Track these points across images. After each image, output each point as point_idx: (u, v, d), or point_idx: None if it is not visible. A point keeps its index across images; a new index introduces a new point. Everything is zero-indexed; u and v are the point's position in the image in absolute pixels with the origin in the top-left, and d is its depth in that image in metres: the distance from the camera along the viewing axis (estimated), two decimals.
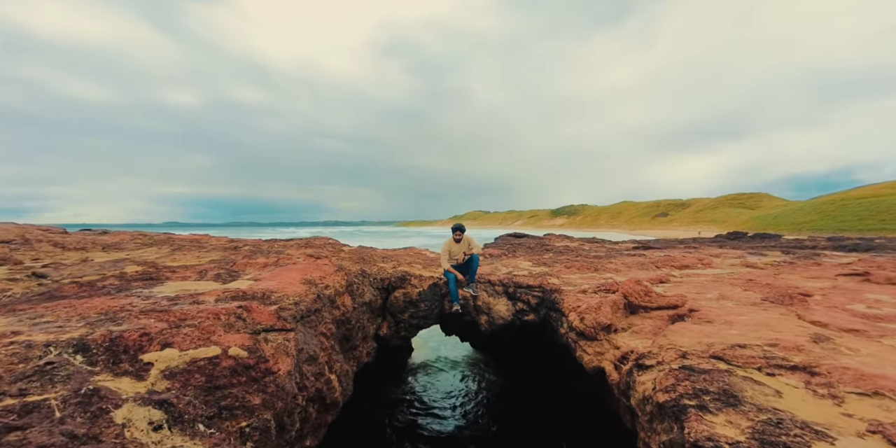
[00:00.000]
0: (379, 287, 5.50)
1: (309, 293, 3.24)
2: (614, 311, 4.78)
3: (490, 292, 6.03)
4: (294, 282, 3.50)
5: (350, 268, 5.10)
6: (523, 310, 5.95)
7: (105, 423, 1.53)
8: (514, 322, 5.92)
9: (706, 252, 11.19)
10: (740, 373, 3.15)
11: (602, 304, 4.77)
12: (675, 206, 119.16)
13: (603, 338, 4.45)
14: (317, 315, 3.17)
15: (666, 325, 4.56)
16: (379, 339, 5.41)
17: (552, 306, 5.65)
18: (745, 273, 7.67)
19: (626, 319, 4.92)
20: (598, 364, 4.27)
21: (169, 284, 3.15)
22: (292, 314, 2.82)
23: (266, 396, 2.05)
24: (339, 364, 3.31)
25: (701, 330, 4.16)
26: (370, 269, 5.64)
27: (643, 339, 4.33)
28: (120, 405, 1.63)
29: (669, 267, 8.65)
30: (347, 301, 4.26)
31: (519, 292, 5.99)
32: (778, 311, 4.86)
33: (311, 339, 2.91)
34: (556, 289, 5.77)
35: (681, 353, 3.67)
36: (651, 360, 3.71)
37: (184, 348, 2.03)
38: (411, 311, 5.64)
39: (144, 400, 1.71)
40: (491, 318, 5.85)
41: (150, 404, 1.69)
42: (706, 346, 3.70)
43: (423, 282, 5.81)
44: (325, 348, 3.08)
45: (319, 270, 4.14)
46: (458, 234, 6.28)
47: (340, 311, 4.03)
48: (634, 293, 5.10)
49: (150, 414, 1.66)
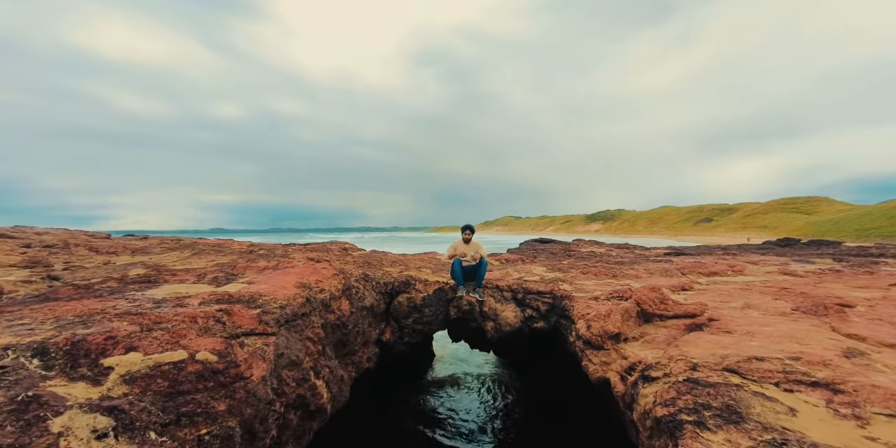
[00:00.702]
0: (382, 291, 5.51)
1: (298, 297, 3.27)
2: (625, 319, 4.56)
3: (498, 298, 5.91)
4: (287, 285, 3.55)
5: (352, 272, 5.14)
6: (532, 317, 5.79)
7: (38, 433, 1.46)
8: (523, 329, 5.77)
9: (744, 259, 10.54)
10: (753, 387, 2.92)
11: (612, 312, 4.57)
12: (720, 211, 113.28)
13: (610, 347, 4.25)
14: (304, 319, 3.18)
15: (681, 335, 4.31)
16: (382, 345, 5.41)
17: (562, 313, 5.47)
18: (781, 281, 7.17)
19: (638, 328, 4.68)
20: (603, 375, 4.08)
21: (164, 287, 3.27)
22: (276, 318, 2.83)
23: (233, 402, 2.01)
24: (329, 369, 3.31)
25: (717, 341, 3.90)
26: (374, 273, 5.66)
27: (654, 349, 4.10)
28: (61, 412, 1.57)
29: (696, 274, 8.22)
30: (344, 305, 4.28)
31: (528, 298, 5.84)
32: (809, 322, 4.50)
33: (296, 343, 2.91)
34: (566, 295, 5.58)
35: (691, 364, 3.45)
36: (658, 372, 3.51)
37: (149, 352, 2.01)
38: (415, 317, 5.60)
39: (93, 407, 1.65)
40: (498, 325, 5.72)
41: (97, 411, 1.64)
42: (720, 358, 3.46)
43: (427, 286, 5.77)
44: (311, 353, 3.07)
45: (317, 274, 4.19)
46: (467, 233, 6.23)
47: (335, 315, 4.06)
48: (648, 301, 4.86)
49: (96, 422, 1.60)
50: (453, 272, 5.91)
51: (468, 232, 6.26)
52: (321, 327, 3.43)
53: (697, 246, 18.75)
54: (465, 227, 6.30)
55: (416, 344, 5.67)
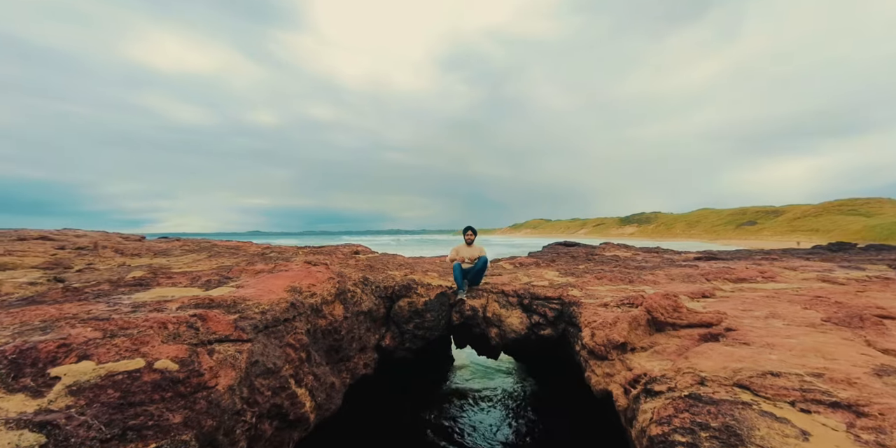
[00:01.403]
0: (382, 295, 5.47)
1: (282, 302, 3.24)
2: (633, 327, 4.33)
3: (503, 303, 5.76)
4: (276, 289, 3.56)
5: (351, 275, 5.13)
6: (539, 323, 5.60)
7: None
8: (529, 336, 5.59)
9: (783, 264, 9.88)
10: (764, 406, 2.68)
11: (619, 320, 4.34)
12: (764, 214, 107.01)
13: (615, 357, 4.04)
14: (286, 325, 3.13)
15: (694, 346, 4.05)
16: (382, 351, 5.36)
17: (570, 320, 5.26)
18: (817, 289, 6.67)
19: (648, 338, 4.43)
20: (605, 387, 3.87)
21: (154, 290, 3.33)
22: (254, 324, 2.79)
23: (192, 414, 1.93)
24: (314, 377, 3.26)
25: (732, 353, 3.63)
26: (374, 277, 5.63)
27: (663, 360, 3.86)
28: None
29: (722, 280, 7.77)
30: (338, 310, 4.26)
31: (535, 304, 5.66)
32: (840, 334, 4.13)
33: (274, 350, 2.87)
34: (575, 301, 5.37)
35: (698, 378, 3.22)
36: (662, 386, 3.29)
37: (103, 361, 1.93)
38: (416, 322, 5.53)
39: (23, 422, 1.53)
40: (502, 332, 5.57)
41: (27, 427, 1.51)
42: (732, 372, 3.21)
43: (430, 291, 5.70)
44: (292, 360, 3.01)
45: (310, 278, 4.19)
46: (469, 234, 6.13)
47: (327, 320, 4.03)
48: (660, 308, 4.59)
49: (21, 439, 1.46)
50: (455, 277, 5.82)
51: (470, 233, 6.17)
52: (307, 333, 3.39)
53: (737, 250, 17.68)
54: (467, 228, 6.21)
55: (419, 349, 5.60)
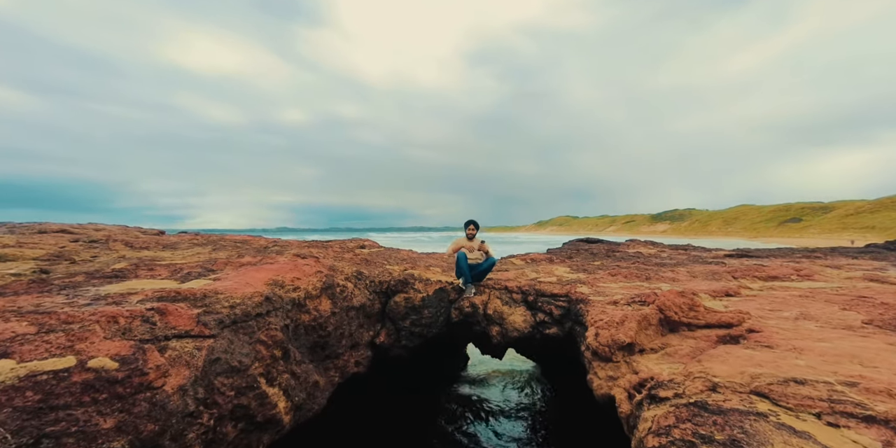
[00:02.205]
0: (377, 291, 5.30)
1: (256, 295, 3.09)
2: (642, 327, 4.00)
3: (505, 300, 5.50)
4: (255, 282, 3.44)
5: (343, 269, 4.99)
6: (545, 322, 5.32)
7: None
8: (534, 335, 5.31)
9: (826, 262, 9.13)
10: (783, 418, 2.35)
11: (626, 319, 4.02)
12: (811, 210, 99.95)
13: (620, 359, 3.73)
14: (259, 320, 2.95)
15: (710, 348, 3.69)
16: (377, 348, 5.20)
17: (577, 319, 4.96)
18: (862, 289, 6.08)
19: (659, 338, 4.08)
20: (607, 391, 3.58)
21: (127, 283, 3.26)
22: (219, 319, 2.65)
23: (128, 418, 1.76)
24: (292, 376, 3.08)
25: (752, 356, 3.27)
26: (370, 272, 5.47)
27: (674, 363, 3.53)
28: None
29: (750, 278, 7.23)
30: (324, 305, 4.11)
31: (541, 302, 5.37)
32: (884, 339, 3.69)
33: (241, 347, 2.70)
34: (582, 298, 5.06)
35: (710, 384, 2.90)
36: (668, 391, 2.98)
37: (26, 359, 1.75)
38: (413, 318, 5.34)
39: None
40: (504, 330, 5.31)
41: None
42: (749, 378, 2.88)
43: (428, 286, 5.49)
44: (263, 358, 2.83)
45: (296, 271, 4.07)
46: (470, 228, 5.88)
47: (311, 316, 3.89)
48: (674, 306, 4.24)
49: None
50: (459, 268, 5.58)
51: (472, 227, 5.92)
52: (285, 329, 3.23)
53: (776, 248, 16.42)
54: (469, 222, 5.96)
55: (416, 347, 5.41)
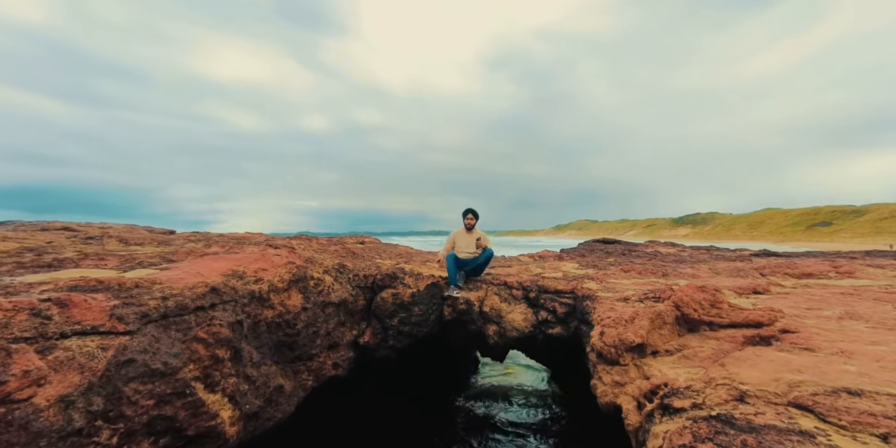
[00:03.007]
0: (361, 285, 4.90)
1: (199, 286, 2.69)
2: (655, 325, 3.49)
3: (504, 296, 5.03)
4: (209, 272, 3.06)
5: (323, 261, 4.60)
6: (548, 321, 4.83)
7: None
8: (535, 336, 4.83)
9: (865, 262, 8.32)
10: (836, 439, 1.86)
11: (637, 316, 3.52)
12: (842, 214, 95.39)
13: (629, 362, 3.23)
14: (198, 314, 2.57)
15: (736, 350, 3.17)
16: (361, 349, 4.79)
17: (583, 317, 4.47)
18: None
19: (676, 339, 3.57)
20: (612, 399, 3.09)
21: (57, 272, 2.86)
22: (143, 312, 2.28)
23: None
24: (239, 380, 2.66)
25: (789, 361, 2.75)
26: (355, 265, 5.07)
27: (692, 367, 3.03)
28: None
29: (781, 275, 6.57)
30: (294, 300, 3.73)
31: (544, 298, 4.89)
32: None
33: (172, 345, 2.33)
34: (589, 295, 4.57)
35: (737, 392, 2.40)
36: (684, 400, 2.49)
37: None
38: (402, 316, 4.91)
39: None
40: (502, 329, 4.84)
41: None
42: (787, 387, 2.37)
43: (419, 281, 5.07)
44: (200, 359, 2.46)
45: (262, 261, 3.70)
46: (469, 218, 5.43)
47: (275, 311, 3.50)
48: (692, 303, 3.71)
49: None
50: (447, 268, 5.13)
51: (471, 217, 5.48)
52: (235, 326, 2.82)
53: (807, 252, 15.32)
54: (467, 211, 5.51)
55: (405, 348, 4.97)
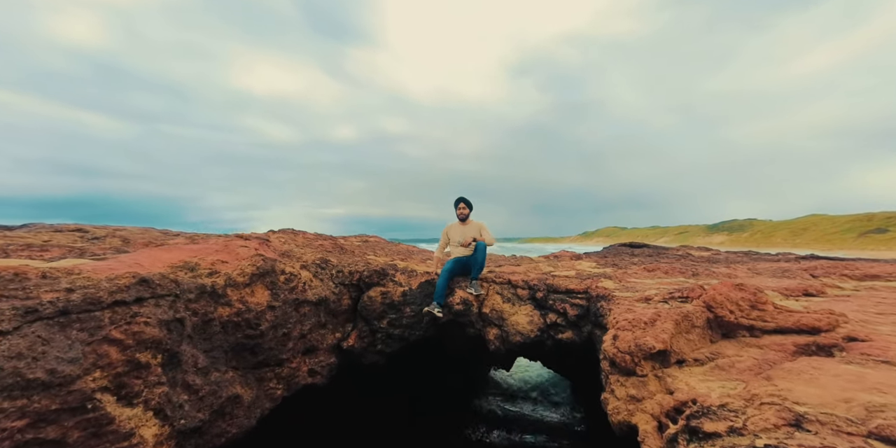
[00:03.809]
0: (346, 283, 4.46)
1: (125, 277, 2.32)
2: (681, 329, 2.89)
3: (507, 296, 4.50)
4: (152, 263, 2.68)
5: (302, 255, 4.18)
6: (557, 324, 4.26)
7: None
8: (543, 341, 4.26)
9: None
10: None
11: (658, 318, 2.94)
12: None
13: (649, 372, 2.65)
14: (116, 310, 2.18)
15: (786, 361, 2.54)
16: (345, 354, 4.33)
17: (597, 320, 3.89)
18: None
19: (708, 345, 2.96)
20: (626, 418, 2.52)
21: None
22: (30, 306, 1.91)
23: None
24: (174, 390, 2.23)
25: (862, 376, 2.14)
26: (340, 260, 4.64)
27: (730, 380, 2.43)
28: None
29: (837, 276, 5.70)
30: (258, 296, 3.29)
31: (553, 299, 4.34)
32: None
33: (68, 348, 1.95)
34: (605, 294, 3.99)
35: (791, 415, 1.84)
36: (719, 423, 1.94)
37: None
38: (391, 318, 4.44)
39: None
40: (504, 333, 4.30)
41: None
42: (864, 411, 1.80)
43: (411, 279, 4.60)
44: (112, 364, 2.08)
45: (223, 253, 3.30)
46: (462, 207, 4.71)
47: (234, 308, 3.10)
48: (727, 303, 3.09)
49: None
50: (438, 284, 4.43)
51: (463, 206, 4.74)
52: (171, 325, 2.41)
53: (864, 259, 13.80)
54: (459, 200, 4.79)
55: (395, 353, 4.49)
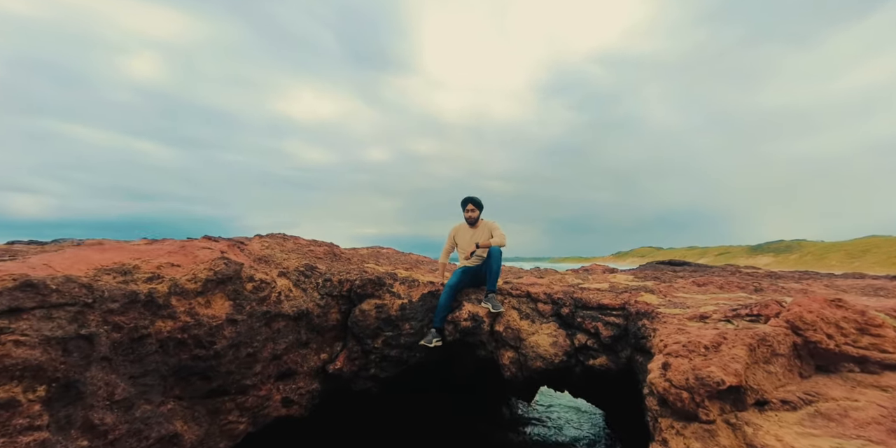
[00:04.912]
0: (335, 293, 3.84)
1: (4, 280, 1.86)
2: (758, 358, 2.15)
3: (526, 312, 3.80)
4: (69, 265, 2.14)
5: (282, 261, 3.64)
6: (588, 347, 3.53)
7: None
8: (570, 367, 3.52)
9: None
10: None
11: (724, 341, 2.20)
12: None
13: (716, 416, 1.91)
14: None
15: None
16: (332, 379, 3.67)
17: (638, 343, 3.15)
18: None
19: (796, 381, 2.19)
20: None
21: None
22: None
23: None
24: (46, 435, 1.63)
25: None
26: (329, 267, 4.04)
27: (848, 438, 1.66)
28: None
29: None
30: (216, 307, 2.67)
31: (582, 316, 3.62)
32: None
33: None
34: (647, 311, 3.25)
35: None
36: None
37: None
38: (387, 335, 3.78)
39: None
40: (522, 357, 3.59)
41: None
42: None
43: (412, 289, 3.97)
44: None
45: (176, 255, 2.74)
46: (470, 209, 4.10)
47: (178, 322, 2.52)
48: (823, 323, 2.32)
49: None
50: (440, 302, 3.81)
51: (472, 207, 4.11)
52: (69, 343, 1.83)
53: None
54: (467, 200, 4.16)
55: (392, 378, 3.81)
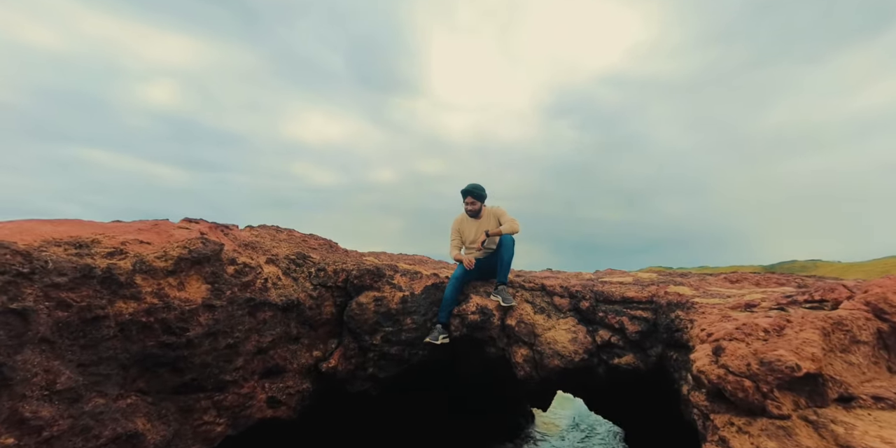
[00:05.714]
0: (329, 284, 3.51)
1: None
2: (834, 346, 1.80)
3: (541, 306, 3.44)
4: (10, 235, 1.90)
5: (272, 249, 3.33)
6: (612, 344, 3.16)
7: None
8: (592, 366, 3.15)
9: None
10: None
11: (787, 323, 1.86)
12: None
13: (790, 411, 1.56)
14: None
15: None
16: (325, 378, 3.31)
17: (672, 337, 2.79)
18: None
19: (885, 375, 1.82)
20: None
21: None
22: None
23: None
24: None
25: None
26: (322, 257, 3.71)
27: None
28: None
29: None
30: (190, 290, 2.44)
31: (604, 311, 3.27)
32: None
33: None
34: (680, 302, 2.90)
35: None
36: None
37: None
38: (387, 331, 3.43)
39: None
40: (537, 355, 3.22)
41: None
42: None
43: (414, 281, 3.63)
44: None
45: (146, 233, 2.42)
46: (470, 202, 3.85)
47: (143, 303, 2.20)
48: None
49: None
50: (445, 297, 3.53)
51: (471, 200, 3.85)
52: None
53: None
54: (466, 192, 3.88)
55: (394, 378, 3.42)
